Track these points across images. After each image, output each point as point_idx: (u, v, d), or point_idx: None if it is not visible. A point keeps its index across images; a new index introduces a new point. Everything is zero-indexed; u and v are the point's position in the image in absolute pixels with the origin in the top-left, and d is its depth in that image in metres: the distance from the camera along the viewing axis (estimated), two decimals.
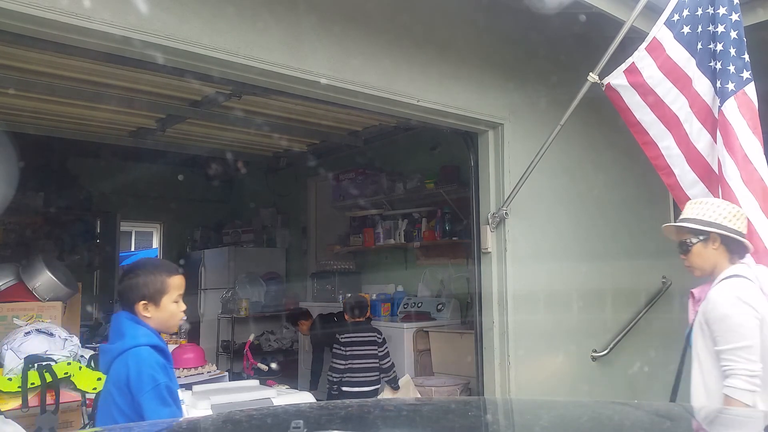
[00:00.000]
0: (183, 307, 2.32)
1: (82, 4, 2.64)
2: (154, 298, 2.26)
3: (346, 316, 5.38)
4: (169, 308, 2.28)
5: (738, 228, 2.57)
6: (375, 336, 5.21)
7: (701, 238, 2.58)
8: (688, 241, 2.61)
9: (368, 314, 5.54)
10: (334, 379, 5.08)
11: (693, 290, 2.73)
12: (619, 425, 1.49)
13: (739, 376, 2.34)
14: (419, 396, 5.22)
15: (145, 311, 2.26)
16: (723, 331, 2.41)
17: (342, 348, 5.10)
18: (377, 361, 5.14)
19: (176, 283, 2.31)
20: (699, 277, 2.67)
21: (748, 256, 2.69)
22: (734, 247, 2.58)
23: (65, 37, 2.76)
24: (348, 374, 5.07)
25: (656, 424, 1.53)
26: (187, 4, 2.97)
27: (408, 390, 5.25)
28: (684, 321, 5.64)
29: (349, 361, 5.07)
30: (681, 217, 2.70)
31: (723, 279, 2.54)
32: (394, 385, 5.20)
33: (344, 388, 5.06)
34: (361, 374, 5.08)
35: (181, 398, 2.25)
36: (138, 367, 2.12)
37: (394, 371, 5.26)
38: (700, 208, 2.64)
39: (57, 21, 2.61)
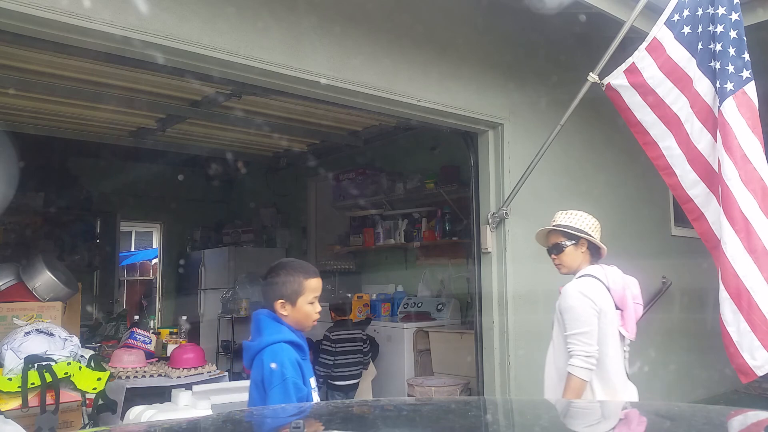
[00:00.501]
0: (318, 308, 2.41)
1: (82, 4, 2.63)
2: (291, 298, 2.35)
3: (332, 314, 5.60)
4: (304, 309, 2.36)
5: (598, 237, 3.08)
6: (361, 333, 5.48)
7: (573, 242, 3.04)
8: (562, 243, 3.05)
9: (349, 315, 5.81)
10: (321, 373, 5.27)
11: (560, 288, 3.13)
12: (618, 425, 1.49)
13: (578, 356, 2.83)
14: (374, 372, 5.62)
15: (283, 309, 2.36)
16: (569, 319, 2.91)
17: (332, 345, 5.30)
18: (362, 356, 5.41)
19: (312, 285, 2.39)
20: (565, 274, 3.12)
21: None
22: (594, 251, 3.08)
23: (65, 37, 2.76)
24: (335, 369, 5.30)
25: (656, 424, 1.53)
26: (187, 4, 2.97)
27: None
28: (684, 320, 5.67)
29: (338, 357, 5.30)
30: (554, 223, 3.09)
31: (577, 278, 3.02)
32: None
33: (331, 381, 5.30)
34: (347, 369, 5.33)
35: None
36: (270, 364, 2.22)
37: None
38: (570, 217, 3.09)
39: (57, 21, 2.61)
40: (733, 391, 5.55)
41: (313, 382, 2.38)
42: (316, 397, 2.39)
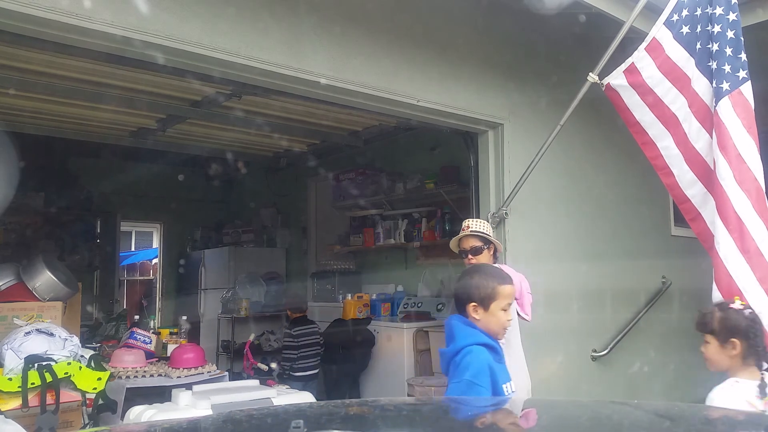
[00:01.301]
0: (509, 316, 2.42)
1: (82, 5, 2.64)
2: (484, 302, 2.37)
3: (289, 313, 6.04)
4: (496, 314, 2.38)
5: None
6: (317, 328, 5.91)
7: (487, 245, 3.59)
8: (481, 246, 3.58)
9: (305, 311, 6.16)
10: (286, 366, 5.65)
11: None
12: (619, 425, 1.49)
13: None
14: None
15: (475, 313, 2.37)
16: None
17: (295, 340, 5.69)
18: (319, 348, 5.81)
19: (506, 292, 2.40)
20: None
21: None
22: (496, 252, 3.70)
23: (65, 37, 2.76)
24: (298, 362, 5.66)
25: (656, 424, 1.53)
26: (188, 4, 2.98)
27: None
28: (684, 320, 5.66)
29: (301, 351, 5.67)
30: (471, 229, 3.60)
31: None
32: None
33: (293, 373, 5.62)
34: (309, 361, 5.73)
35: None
36: (460, 363, 2.28)
37: None
38: (480, 225, 3.64)
39: (57, 21, 2.61)
40: None
41: (507, 388, 2.36)
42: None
